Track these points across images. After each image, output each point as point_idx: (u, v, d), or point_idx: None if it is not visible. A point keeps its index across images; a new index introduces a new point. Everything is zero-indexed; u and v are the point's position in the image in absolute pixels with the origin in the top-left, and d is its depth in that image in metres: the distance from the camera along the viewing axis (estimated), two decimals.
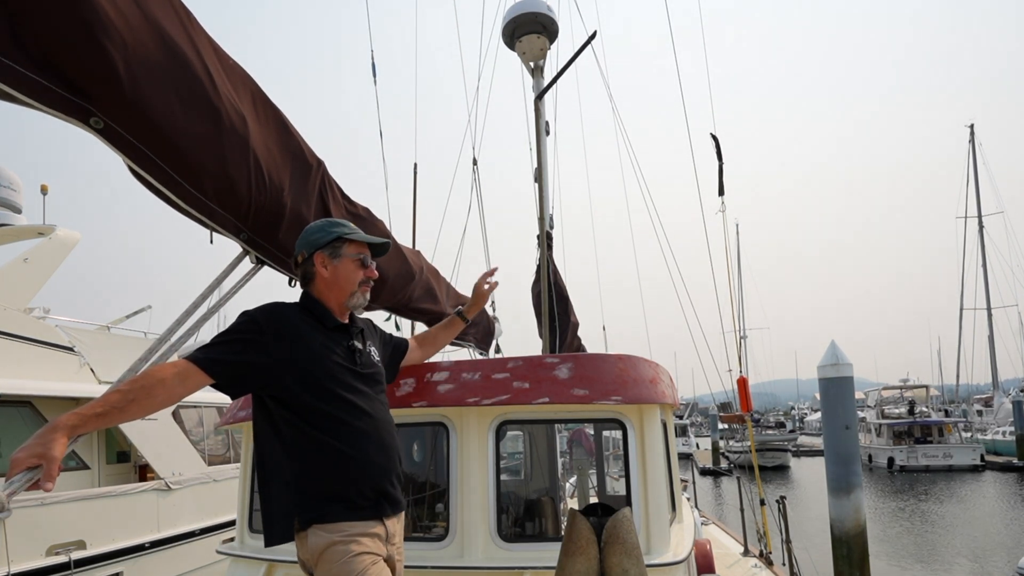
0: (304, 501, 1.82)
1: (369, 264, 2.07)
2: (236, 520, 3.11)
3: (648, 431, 2.64)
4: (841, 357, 6.39)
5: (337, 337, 1.99)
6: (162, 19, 1.77)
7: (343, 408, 1.87)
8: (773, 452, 31.73)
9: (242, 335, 1.82)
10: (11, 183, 7.87)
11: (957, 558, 12.65)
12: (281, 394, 1.85)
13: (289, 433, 1.86)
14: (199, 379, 1.73)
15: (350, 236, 2.03)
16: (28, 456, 1.40)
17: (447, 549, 2.62)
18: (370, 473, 1.87)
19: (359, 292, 2.03)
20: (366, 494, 1.86)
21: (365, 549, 1.80)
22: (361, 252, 2.05)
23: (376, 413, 1.95)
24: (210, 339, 1.83)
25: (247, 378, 1.82)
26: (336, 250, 2.01)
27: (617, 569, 2.06)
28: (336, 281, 2.01)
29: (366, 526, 1.84)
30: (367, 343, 2.11)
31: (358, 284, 2.03)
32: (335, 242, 2.01)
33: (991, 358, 39.63)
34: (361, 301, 2.05)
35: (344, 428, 1.86)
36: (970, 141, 40.33)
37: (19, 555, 5.05)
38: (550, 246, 5.61)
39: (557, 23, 5.65)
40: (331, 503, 1.82)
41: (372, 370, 2.05)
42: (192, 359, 1.73)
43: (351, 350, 2.00)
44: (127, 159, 1.82)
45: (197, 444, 7.53)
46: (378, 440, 1.92)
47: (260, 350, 1.81)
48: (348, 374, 1.93)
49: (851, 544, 6.17)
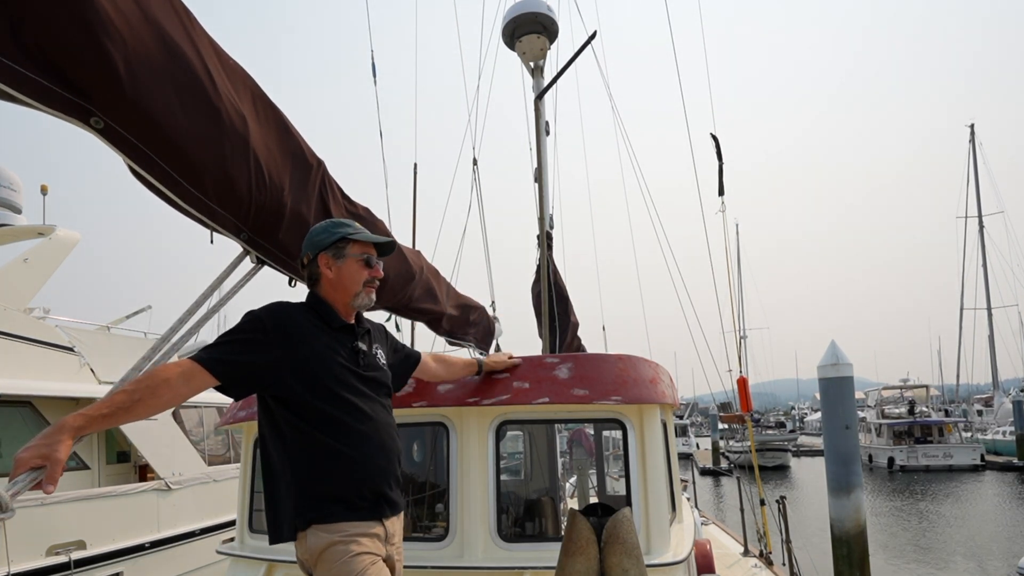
0: (304, 501, 1.82)
1: (375, 264, 2.04)
2: (236, 520, 3.11)
3: (648, 431, 2.64)
4: (841, 357, 6.39)
5: (342, 338, 1.97)
6: (162, 19, 1.77)
7: (344, 409, 1.86)
8: (773, 452, 31.73)
9: (246, 335, 1.81)
10: (11, 183, 7.88)
11: (957, 558, 12.65)
12: (283, 394, 1.85)
13: (290, 433, 1.85)
14: (204, 379, 1.72)
15: (354, 236, 2.00)
16: (33, 456, 1.39)
17: (447, 549, 2.62)
18: (369, 475, 1.87)
19: (364, 292, 2.01)
20: (365, 495, 1.85)
21: (364, 549, 1.80)
22: (365, 252, 2.02)
23: (377, 415, 1.94)
24: (215, 339, 1.82)
25: (251, 378, 1.81)
26: (340, 251, 1.99)
27: (617, 569, 2.06)
28: (341, 282, 1.98)
29: (366, 526, 1.84)
30: (373, 346, 2.10)
31: (362, 284, 2.00)
32: (339, 243, 1.99)
33: (991, 358, 39.64)
34: (366, 301, 2.02)
35: (344, 429, 1.85)
36: (970, 141, 40.35)
37: (19, 555, 5.05)
38: (550, 246, 5.61)
39: (557, 23, 5.65)
40: (331, 503, 1.81)
41: (375, 373, 2.03)
42: (196, 359, 1.72)
43: (355, 351, 1.98)
44: (127, 159, 1.82)
45: (197, 444, 7.53)
46: (378, 442, 1.91)
47: (264, 350, 1.80)
48: (351, 375, 1.92)
49: (851, 544, 6.17)
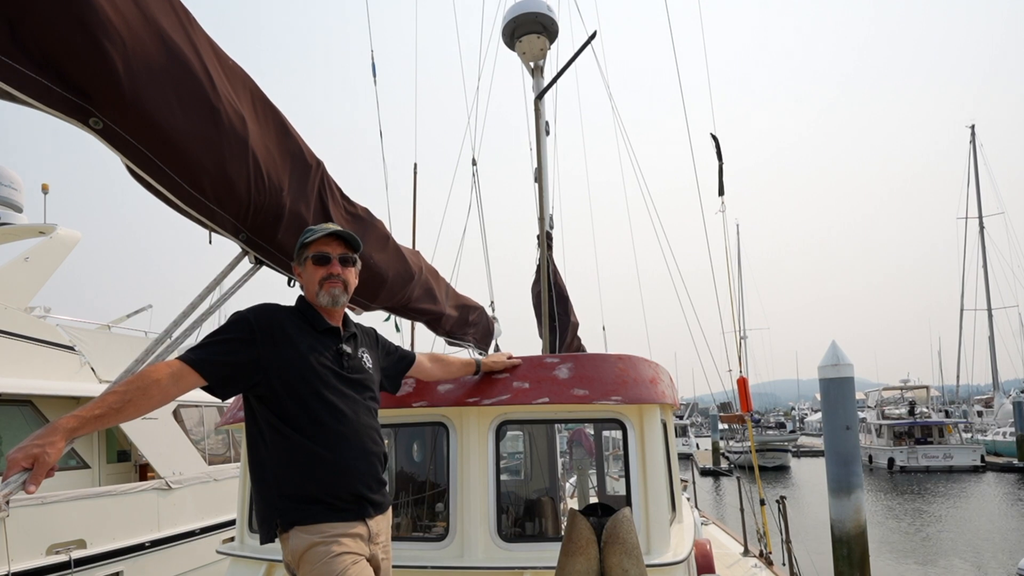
0: (285, 503, 1.83)
1: (330, 261, 2.04)
2: (236, 520, 3.11)
3: (648, 431, 2.64)
4: (842, 357, 6.39)
5: (327, 341, 2.00)
6: (161, 19, 1.77)
7: (324, 410, 1.88)
8: (773, 452, 31.73)
9: (232, 335, 1.83)
10: (12, 182, 7.89)
11: (957, 559, 12.64)
12: (266, 394, 1.87)
13: (271, 434, 1.87)
14: (192, 379, 1.75)
15: (307, 239, 2.05)
16: (24, 457, 1.40)
17: (447, 549, 2.62)
18: (348, 477, 1.88)
19: (323, 291, 2.02)
20: (343, 497, 1.87)
21: (346, 549, 1.81)
22: (317, 250, 2.04)
23: (359, 418, 1.95)
24: (203, 338, 1.84)
25: (236, 378, 1.84)
26: (301, 256, 2.06)
27: (617, 569, 2.06)
28: (306, 285, 2.06)
29: (347, 527, 1.85)
30: (359, 349, 2.12)
31: (318, 283, 2.02)
32: (301, 250, 2.06)
33: (991, 359, 39.61)
34: (327, 299, 2.02)
35: (323, 431, 1.86)
36: (971, 142, 40.32)
37: (19, 554, 5.06)
38: (550, 246, 5.61)
39: (557, 23, 5.65)
40: (310, 505, 1.83)
41: (359, 375, 2.04)
42: (185, 359, 1.75)
43: (339, 353, 2.00)
44: (126, 159, 1.82)
45: (197, 443, 7.53)
46: (358, 444, 1.92)
47: (249, 349, 1.83)
48: (334, 377, 1.94)
49: (851, 544, 6.17)
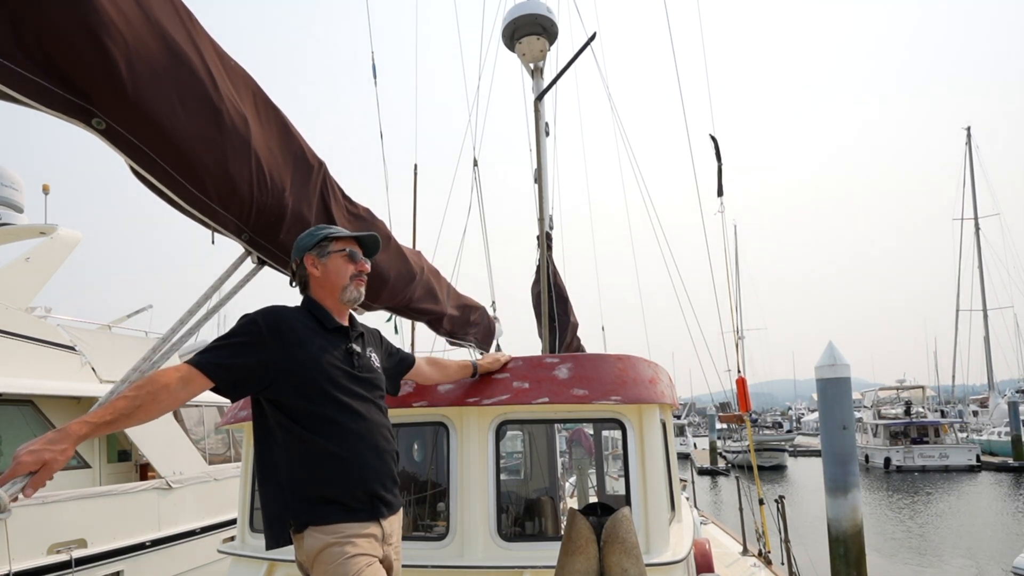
0: (299, 504, 1.83)
1: (360, 259, 2.07)
2: (237, 519, 3.12)
3: (647, 431, 2.65)
4: (839, 357, 6.41)
5: (336, 340, 1.99)
6: (163, 20, 1.77)
7: (337, 410, 1.88)
8: (770, 452, 31.75)
9: (242, 338, 1.83)
10: (13, 183, 7.89)
11: (953, 557, 12.67)
12: (277, 396, 1.86)
13: (283, 436, 1.86)
14: (201, 383, 1.74)
15: (335, 234, 2.05)
16: (35, 461, 1.40)
17: (447, 548, 2.63)
18: (363, 476, 1.88)
19: (352, 286, 2.03)
20: (359, 496, 1.86)
21: (360, 550, 1.81)
22: (348, 246, 2.05)
23: (372, 416, 1.95)
24: (211, 342, 1.84)
25: (247, 381, 1.83)
26: (323, 249, 2.03)
27: (616, 568, 2.07)
28: (328, 278, 2.02)
29: (361, 527, 1.85)
30: (367, 348, 2.12)
31: (349, 278, 2.02)
32: (322, 242, 2.03)
33: (987, 359, 39.69)
34: (355, 295, 2.04)
35: (337, 430, 1.86)
36: (967, 143, 40.37)
37: (20, 554, 5.05)
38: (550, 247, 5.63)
39: (557, 25, 5.66)
40: (326, 505, 1.82)
41: (370, 374, 2.05)
42: (194, 363, 1.74)
43: (349, 353, 2.00)
44: (129, 159, 1.82)
45: (198, 443, 7.53)
46: (372, 443, 1.92)
47: (260, 352, 1.82)
48: (345, 377, 1.93)
49: (848, 544, 6.18)
